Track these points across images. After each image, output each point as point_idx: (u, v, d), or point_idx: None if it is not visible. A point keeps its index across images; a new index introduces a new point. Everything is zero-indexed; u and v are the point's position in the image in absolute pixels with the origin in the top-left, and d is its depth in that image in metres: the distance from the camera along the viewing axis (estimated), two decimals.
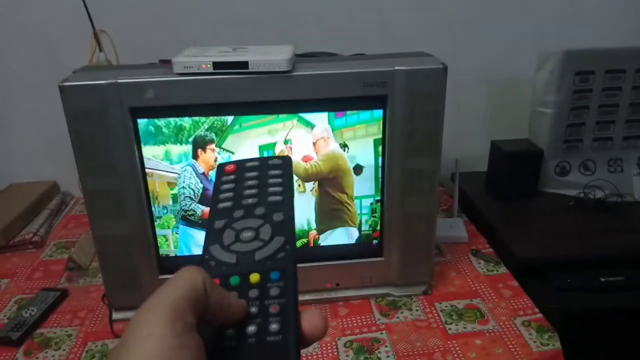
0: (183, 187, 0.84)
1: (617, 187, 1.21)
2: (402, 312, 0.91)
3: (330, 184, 0.87)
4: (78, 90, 0.75)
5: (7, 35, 1.25)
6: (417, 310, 0.92)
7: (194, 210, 0.86)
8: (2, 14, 1.23)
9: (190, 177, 0.84)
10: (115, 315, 0.89)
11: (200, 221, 0.87)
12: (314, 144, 0.84)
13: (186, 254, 0.88)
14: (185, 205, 0.85)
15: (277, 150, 0.83)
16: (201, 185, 0.84)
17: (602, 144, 1.25)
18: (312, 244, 0.90)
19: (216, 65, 0.75)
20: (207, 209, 0.86)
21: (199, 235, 0.88)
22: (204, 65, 0.75)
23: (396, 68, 0.79)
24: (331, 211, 0.89)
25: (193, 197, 0.85)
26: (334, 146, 0.85)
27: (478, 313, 0.90)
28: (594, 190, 1.21)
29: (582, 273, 0.99)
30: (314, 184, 0.87)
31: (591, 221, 1.13)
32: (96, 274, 1.03)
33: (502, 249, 1.07)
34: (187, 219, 0.86)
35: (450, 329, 0.87)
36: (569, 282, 0.98)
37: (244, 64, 0.75)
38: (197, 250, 0.88)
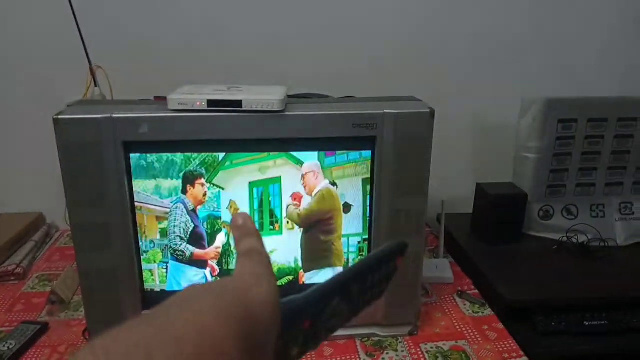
0: (174, 226, 0.84)
1: (600, 232, 1.24)
2: (387, 353, 0.91)
3: (319, 225, 0.88)
4: (72, 123, 0.76)
5: (1, 63, 1.27)
6: (402, 351, 0.91)
7: (183, 252, 0.86)
8: (0, 44, 1.25)
9: (181, 216, 0.84)
10: None
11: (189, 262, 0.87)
12: (303, 176, 0.85)
13: (176, 288, 0.88)
14: (176, 245, 0.85)
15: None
16: (192, 225, 0.85)
17: (584, 190, 1.28)
18: (300, 282, 0.90)
19: (210, 103, 0.77)
20: (196, 251, 0.86)
21: (190, 271, 0.87)
22: (198, 103, 0.77)
23: (385, 111, 0.81)
24: (318, 251, 0.90)
25: (183, 237, 0.85)
26: (324, 183, 0.86)
27: (464, 355, 0.90)
28: (577, 234, 1.24)
29: (566, 317, 1.00)
30: None
31: (575, 265, 1.15)
32: (78, 308, 1.02)
33: (487, 291, 1.08)
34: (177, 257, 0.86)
35: None
36: (553, 325, 0.98)
37: (238, 103, 0.77)
38: (187, 285, 0.88)
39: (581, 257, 1.18)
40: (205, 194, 0.84)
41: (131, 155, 0.79)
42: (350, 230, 0.89)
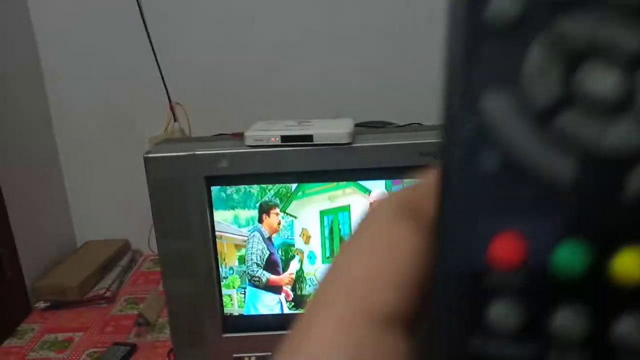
0: (251, 253, 0.90)
1: None
2: None
3: None
4: (160, 161, 0.83)
5: (88, 102, 1.39)
6: None
7: (259, 278, 0.91)
8: (86, 85, 1.37)
9: (258, 243, 0.89)
10: None
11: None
12: (371, 204, 0.88)
13: (253, 313, 0.93)
14: (253, 271, 0.91)
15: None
16: (268, 252, 0.90)
17: None
18: None
19: (284, 138, 0.82)
20: (271, 276, 0.91)
21: (266, 296, 0.92)
22: (272, 139, 0.82)
23: None
24: None
25: (260, 263, 0.90)
26: None
27: None
28: None
29: None
30: None
31: None
32: (162, 330, 1.09)
33: None
34: (254, 283, 0.91)
35: None
36: None
37: (309, 137, 0.82)
38: (264, 310, 0.93)
39: None
40: (279, 223, 0.89)
41: (212, 188, 0.86)
42: None
